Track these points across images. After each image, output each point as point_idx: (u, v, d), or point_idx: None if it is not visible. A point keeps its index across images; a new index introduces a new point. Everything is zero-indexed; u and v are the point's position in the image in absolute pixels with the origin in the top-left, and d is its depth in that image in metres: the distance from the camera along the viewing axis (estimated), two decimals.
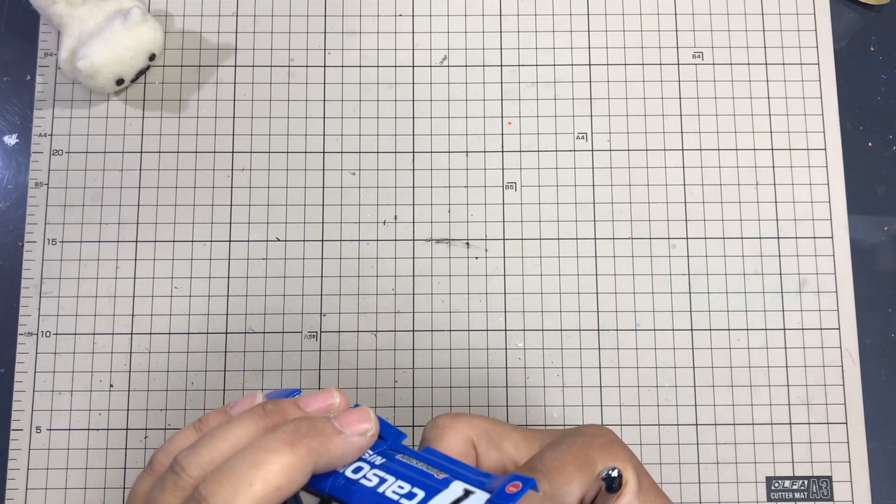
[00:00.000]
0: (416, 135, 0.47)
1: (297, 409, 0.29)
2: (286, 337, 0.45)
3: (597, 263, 0.46)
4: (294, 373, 0.45)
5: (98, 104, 0.48)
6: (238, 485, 0.25)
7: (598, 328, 0.45)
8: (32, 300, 0.45)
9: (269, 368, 0.45)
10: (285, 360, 0.45)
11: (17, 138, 0.48)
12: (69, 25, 0.45)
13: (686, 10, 0.49)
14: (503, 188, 0.47)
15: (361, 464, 0.28)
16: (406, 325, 0.45)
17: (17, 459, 0.44)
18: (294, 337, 0.45)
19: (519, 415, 0.44)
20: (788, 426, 0.44)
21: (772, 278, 0.46)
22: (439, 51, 0.48)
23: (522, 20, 0.49)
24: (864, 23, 0.49)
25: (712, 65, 0.48)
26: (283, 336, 0.45)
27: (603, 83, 0.48)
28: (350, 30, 0.49)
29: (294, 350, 0.45)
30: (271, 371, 0.45)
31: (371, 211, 0.46)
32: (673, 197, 0.47)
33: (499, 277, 0.46)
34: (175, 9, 0.49)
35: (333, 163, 0.47)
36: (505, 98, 0.48)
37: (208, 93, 0.48)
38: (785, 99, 0.48)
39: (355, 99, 0.48)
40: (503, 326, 0.45)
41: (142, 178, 0.47)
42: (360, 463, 0.28)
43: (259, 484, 0.25)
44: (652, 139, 0.47)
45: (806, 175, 0.47)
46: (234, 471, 0.25)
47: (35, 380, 0.45)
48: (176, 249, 0.46)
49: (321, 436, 0.27)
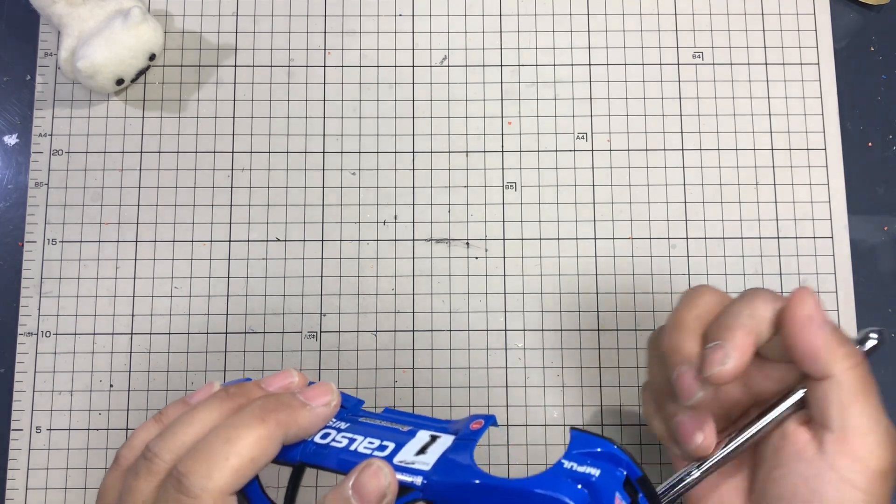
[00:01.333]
0: (416, 135, 0.47)
1: (259, 390, 0.30)
2: (286, 337, 0.45)
3: (597, 263, 0.46)
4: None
5: (98, 104, 0.48)
6: (214, 460, 0.25)
7: (598, 328, 0.45)
8: (32, 300, 0.45)
9: (269, 368, 0.45)
10: (285, 360, 0.45)
11: (17, 138, 0.48)
12: (69, 25, 0.45)
13: (686, 9, 0.49)
14: (503, 188, 0.47)
15: (328, 430, 0.29)
16: (406, 325, 0.45)
17: (17, 459, 0.44)
18: (294, 337, 0.45)
19: (519, 415, 0.44)
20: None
21: (772, 278, 0.46)
22: (439, 51, 0.48)
23: (522, 20, 0.49)
24: (864, 23, 0.49)
25: (712, 65, 0.48)
26: (283, 336, 0.45)
27: (603, 83, 0.48)
28: (350, 30, 0.49)
29: (294, 350, 0.45)
30: (271, 371, 0.45)
31: (371, 211, 0.46)
32: (673, 197, 0.47)
33: (499, 277, 0.46)
34: (175, 9, 0.49)
35: (333, 163, 0.47)
36: (505, 98, 0.48)
37: (208, 93, 0.48)
38: (785, 99, 0.48)
39: (355, 99, 0.48)
40: (503, 326, 0.45)
41: (142, 178, 0.47)
42: (327, 430, 0.29)
43: (234, 458, 0.26)
44: (652, 139, 0.47)
45: (806, 175, 0.47)
46: (209, 448, 0.26)
47: (35, 380, 0.45)
48: (176, 249, 0.46)
49: (288, 408, 0.28)
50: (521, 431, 0.44)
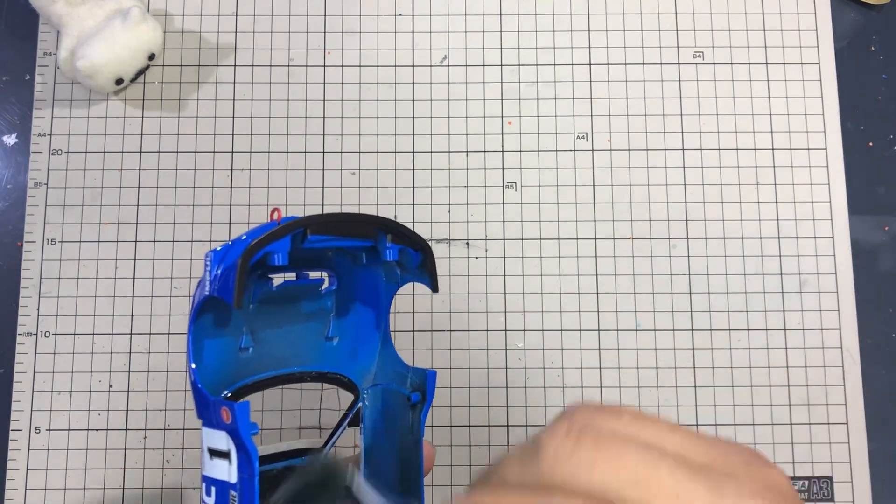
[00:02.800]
0: (416, 135, 0.47)
1: None
2: None
3: (597, 263, 0.46)
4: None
5: (97, 104, 0.48)
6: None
7: (598, 328, 0.45)
8: (31, 300, 0.45)
9: None
10: None
11: (17, 138, 0.48)
12: (68, 25, 0.45)
13: (686, 9, 0.49)
14: (503, 188, 0.47)
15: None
16: (406, 326, 0.45)
17: (16, 460, 0.44)
18: None
19: (519, 415, 0.44)
20: (789, 426, 0.44)
21: (772, 278, 0.46)
22: (439, 50, 0.48)
23: (522, 20, 0.49)
24: (864, 22, 0.49)
25: (713, 64, 0.48)
26: None
27: (603, 83, 0.48)
28: (350, 29, 0.49)
29: None
30: None
31: (371, 211, 0.46)
32: (673, 197, 0.47)
33: (499, 277, 0.46)
34: (174, 8, 0.49)
35: (333, 163, 0.47)
36: (505, 98, 0.48)
37: (207, 92, 0.48)
38: (786, 98, 0.48)
39: (355, 99, 0.48)
40: (503, 326, 0.45)
41: (141, 178, 0.47)
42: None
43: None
44: (652, 139, 0.47)
45: (806, 175, 0.47)
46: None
47: (34, 380, 0.44)
48: (175, 249, 0.46)
49: None
50: (521, 432, 0.44)
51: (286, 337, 0.31)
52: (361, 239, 0.28)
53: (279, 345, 0.31)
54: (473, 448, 0.44)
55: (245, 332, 0.30)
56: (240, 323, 0.30)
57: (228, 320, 0.29)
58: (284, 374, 0.31)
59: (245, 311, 0.30)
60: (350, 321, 0.32)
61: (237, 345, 0.30)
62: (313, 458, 0.30)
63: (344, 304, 0.32)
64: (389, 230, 0.28)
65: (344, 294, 0.32)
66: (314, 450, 0.31)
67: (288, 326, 0.31)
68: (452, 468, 0.44)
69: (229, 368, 0.29)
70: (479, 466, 0.43)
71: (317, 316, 0.31)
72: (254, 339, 0.30)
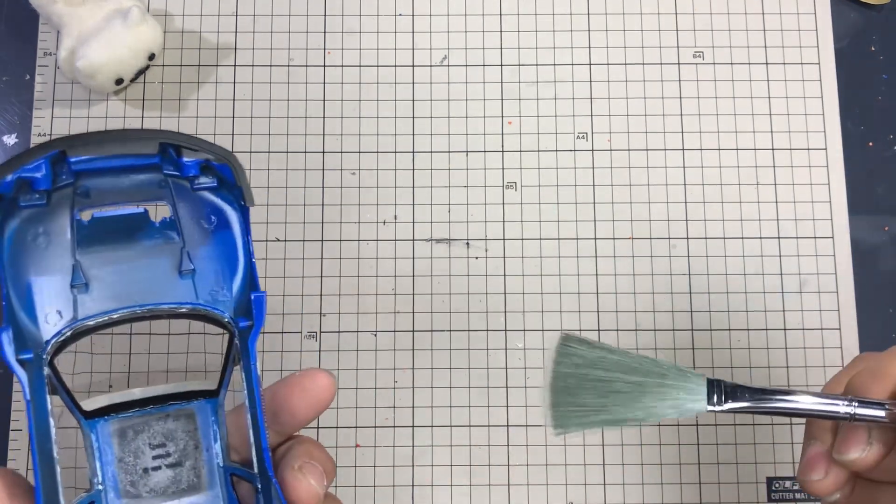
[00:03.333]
0: (416, 135, 0.47)
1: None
2: (286, 337, 0.45)
3: (597, 263, 0.46)
4: (294, 373, 0.45)
5: (97, 104, 0.48)
6: None
7: (598, 328, 0.45)
8: None
9: (268, 369, 0.45)
10: (285, 361, 0.45)
11: (17, 138, 0.48)
12: (68, 25, 0.45)
13: (686, 9, 0.49)
14: (503, 188, 0.47)
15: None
16: (406, 326, 0.45)
17: (16, 460, 0.44)
18: (294, 337, 0.45)
19: (519, 415, 0.44)
20: (789, 426, 0.44)
21: (772, 278, 0.46)
22: (439, 50, 0.48)
23: (522, 20, 0.49)
24: (864, 22, 0.49)
25: (713, 64, 0.48)
26: (282, 336, 0.45)
27: (603, 83, 0.48)
28: (350, 29, 0.49)
29: (294, 350, 0.45)
30: (271, 371, 0.45)
31: (371, 211, 0.46)
32: (673, 197, 0.47)
33: (499, 277, 0.46)
34: (174, 8, 0.49)
35: (333, 163, 0.47)
36: (505, 98, 0.48)
37: (208, 92, 0.48)
38: (786, 98, 0.48)
39: (355, 99, 0.48)
40: (503, 326, 0.45)
41: None
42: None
43: None
44: (652, 139, 0.47)
45: (806, 175, 0.47)
46: None
47: None
48: None
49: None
50: (521, 432, 0.44)
51: (128, 273, 0.29)
52: (139, 156, 0.26)
53: (121, 282, 0.29)
54: (473, 448, 0.44)
55: (75, 269, 0.28)
56: (63, 261, 0.28)
57: (46, 260, 0.28)
58: (132, 310, 0.29)
59: (63, 248, 0.28)
60: (207, 252, 0.30)
61: (68, 283, 0.28)
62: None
63: (193, 235, 0.29)
64: (178, 143, 0.26)
65: (189, 224, 0.29)
66: (207, 392, 0.31)
67: (129, 263, 0.29)
68: (452, 468, 0.44)
69: (66, 310, 0.28)
70: (480, 466, 0.44)
71: (163, 249, 0.29)
72: (86, 276, 0.28)
